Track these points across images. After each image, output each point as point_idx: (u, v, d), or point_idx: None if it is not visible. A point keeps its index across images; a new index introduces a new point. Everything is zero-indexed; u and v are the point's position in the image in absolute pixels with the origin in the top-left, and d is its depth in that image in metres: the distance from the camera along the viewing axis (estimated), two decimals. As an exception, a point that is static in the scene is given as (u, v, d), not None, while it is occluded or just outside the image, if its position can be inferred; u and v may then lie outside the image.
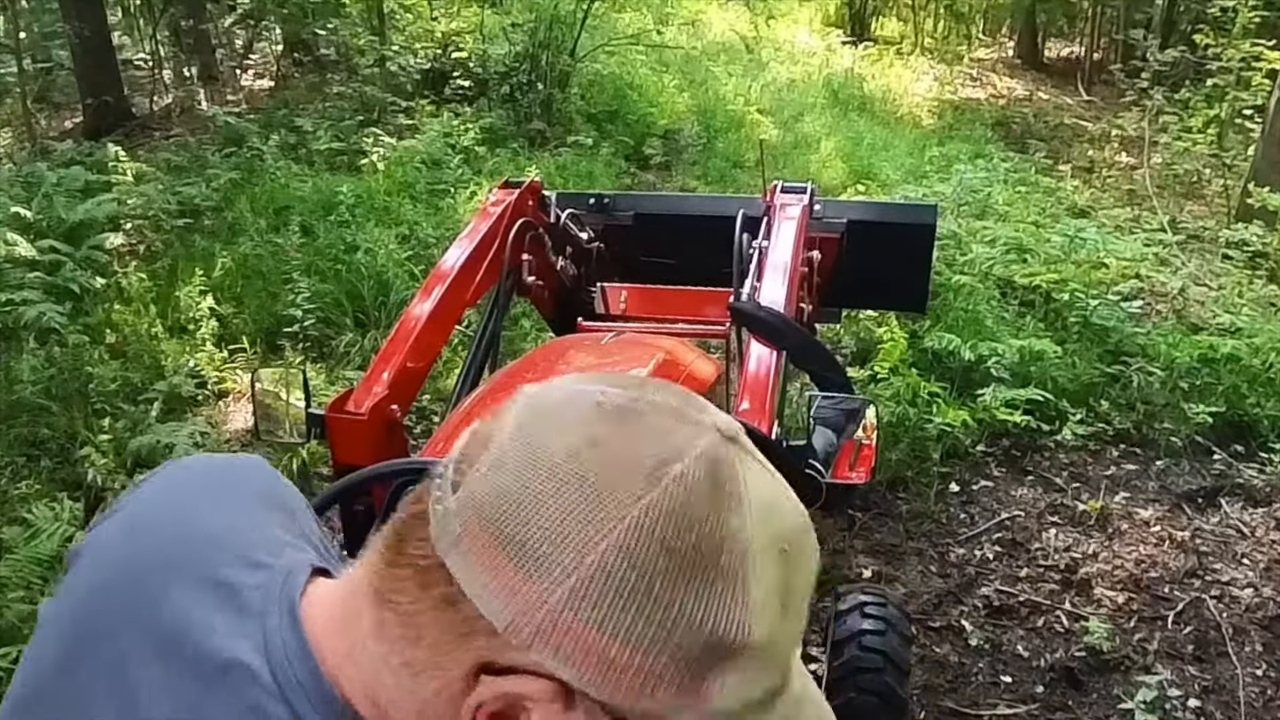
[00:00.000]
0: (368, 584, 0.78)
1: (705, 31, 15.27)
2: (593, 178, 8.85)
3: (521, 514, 0.70)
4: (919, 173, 9.36)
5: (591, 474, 0.70)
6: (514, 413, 0.78)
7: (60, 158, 8.49)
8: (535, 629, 0.68)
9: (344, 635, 0.80)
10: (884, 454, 4.78)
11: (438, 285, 3.12)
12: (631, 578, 0.68)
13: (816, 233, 3.60)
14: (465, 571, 0.70)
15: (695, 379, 2.92)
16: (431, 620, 0.73)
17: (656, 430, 0.73)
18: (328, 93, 10.86)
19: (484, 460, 0.74)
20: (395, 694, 0.76)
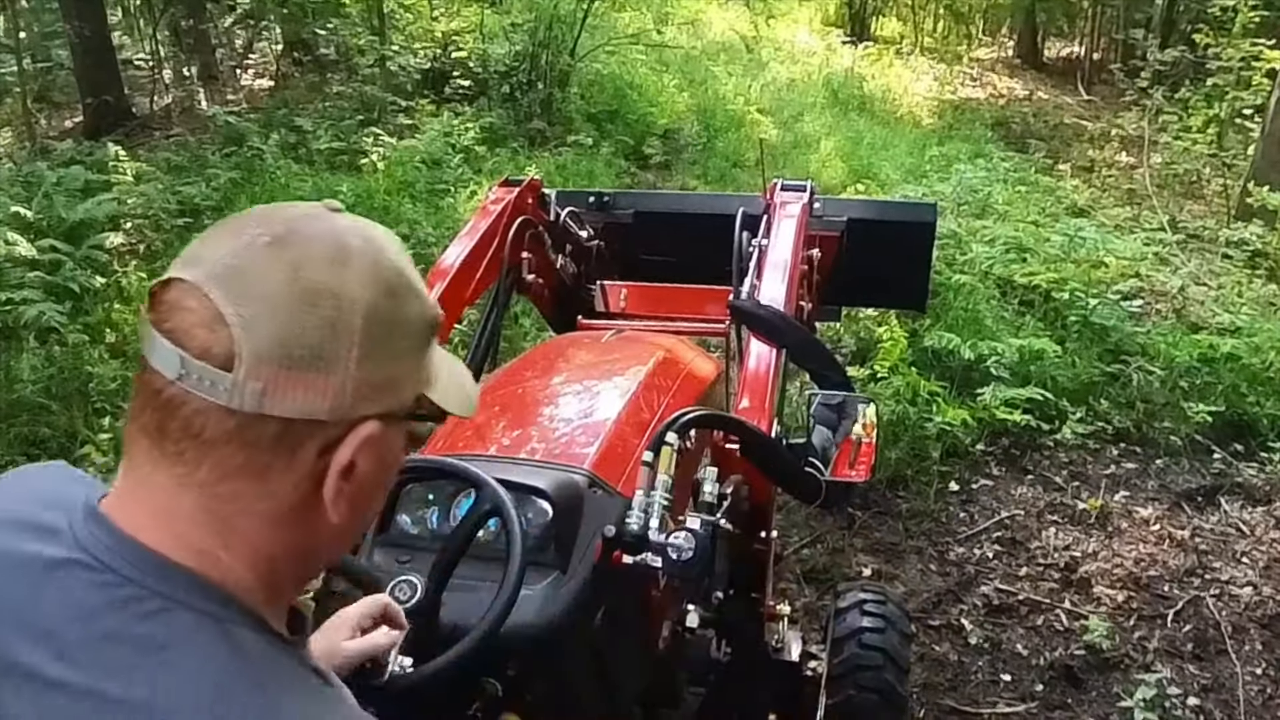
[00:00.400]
0: (162, 471, 0.91)
1: (705, 31, 15.27)
2: (593, 177, 8.85)
3: (294, 344, 0.88)
4: (919, 172, 9.37)
5: (308, 290, 0.89)
6: (222, 300, 0.89)
7: (60, 157, 8.48)
8: (347, 399, 0.91)
9: (150, 512, 0.92)
10: (884, 452, 4.78)
11: (438, 283, 3.11)
12: (380, 328, 0.92)
13: (816, 231, 3.59)
14: (284, 405, 0.88)
15: (695, 377, 2.91)
16: (243, 468, 0.90)
17: (314, 239, 0.94)
18: (328, 92, 10.85)
19: (240, 339, 0.87)
20: (233, 532, 0.92)
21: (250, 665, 0.89)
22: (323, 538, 0.98)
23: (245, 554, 0.93)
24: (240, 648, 0.89)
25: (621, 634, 2.13)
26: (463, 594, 1.89)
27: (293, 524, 0.94)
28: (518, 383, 2.87)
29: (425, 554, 2.02)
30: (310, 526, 0.95)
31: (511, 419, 2.63)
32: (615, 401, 2.60)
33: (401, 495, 2.17)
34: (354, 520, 1.00)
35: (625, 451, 2.35)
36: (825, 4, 18.73)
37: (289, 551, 0.96)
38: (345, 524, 0.97)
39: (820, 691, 2.90)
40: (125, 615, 0.87)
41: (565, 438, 2.47)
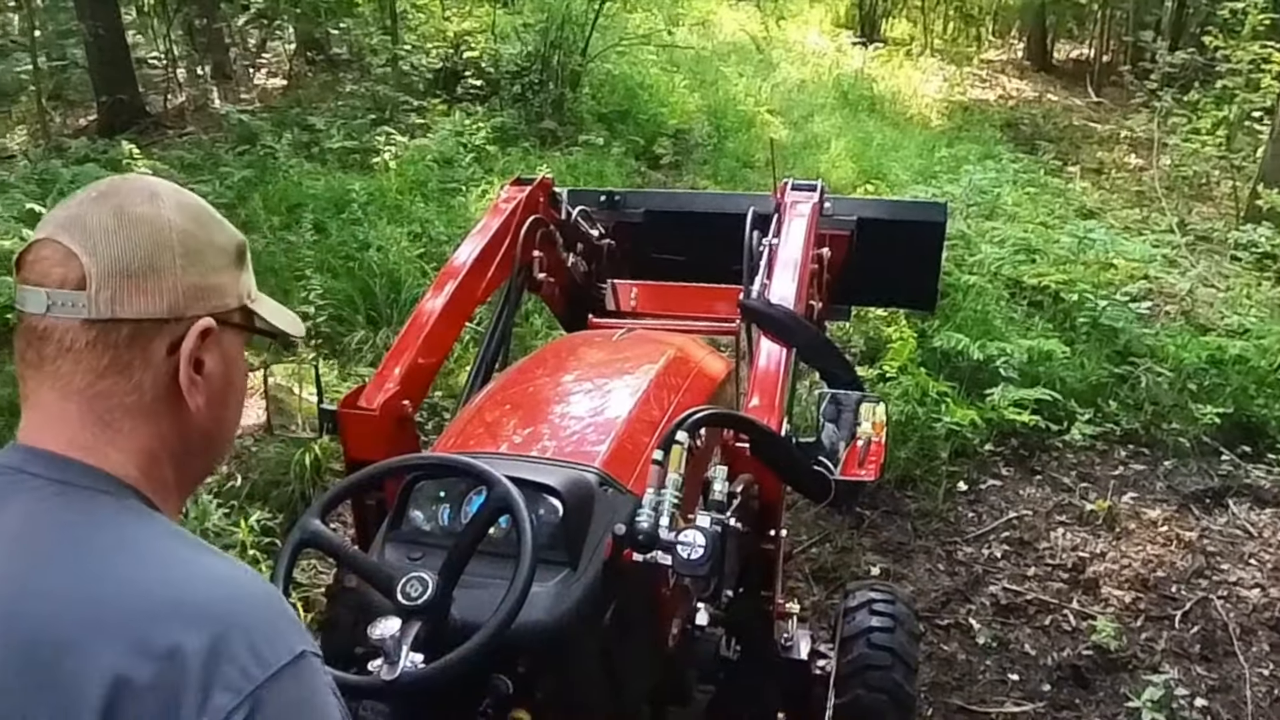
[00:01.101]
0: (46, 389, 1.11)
1: (716, 32, 15.24)
2: (604, 176, 8.84)
3: (129, 259, 1.09)
4: (928, 173, 9.34)
5: (132, 219, 1.12)
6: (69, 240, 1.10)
7: (74, 155, 8.50)
8: (180, 299, 1.12)
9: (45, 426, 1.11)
10: (893, 452, 4.76)
11: (449, 282, 3.12)
12: (194, 243, 1.14)
13: (827, 230, 3.59)
14: (129, 306, 1.09)
15: (705, 375, 2.91)
16: (110, 367, 1.10)
17: (130, 188, 1.16)
18: (340, 91, 10.86)
19: (88, 264, 1.08)
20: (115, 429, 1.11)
21: (144, 524, 1.09)
22: (191, 432, 1.17)
23: (128, 450, 1.12)
24: (133, 513, 1.10)
25: (631, 631, 2.13)
26: (473, 591, 1.89)
27: (161, 416, 1.14)
28: (529, 381, 2.87)
29: (436, 550, 2.02)
30: (176, 419, 1.15)
31: (522, 417, 2.63)
32: (626, 400, 2.60)
33: (413, 492, 2.17)
34: (216, 416, 1.19)
35: (636, 450, 2.35)
36: (836, 5, 18.68)
37: (165, 445, 1.15)
38: (207, 419, 1.17)
39: (829, 690, 2.89)
40: (33, 499, 1.07)
41: (576, 436, 2.47)
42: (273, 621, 1.03)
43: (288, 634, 1.03)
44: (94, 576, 1.01)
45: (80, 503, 1.08)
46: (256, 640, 0.99)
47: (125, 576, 1.02)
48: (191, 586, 1.03)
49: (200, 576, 1.05)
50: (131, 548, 1.05)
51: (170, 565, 1.05)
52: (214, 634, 0.97)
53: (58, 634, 0.98)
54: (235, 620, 1.00)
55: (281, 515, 4.53)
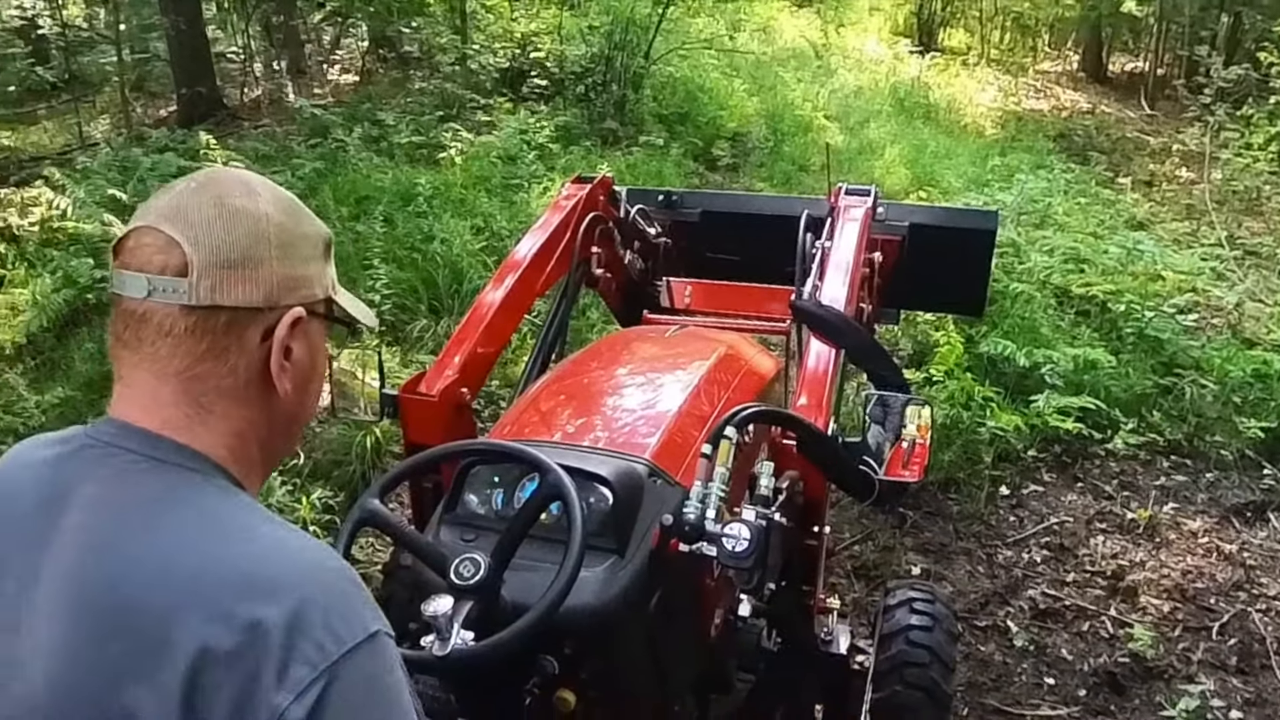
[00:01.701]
0: (143, 370, 1.14)
1: (776, 38, 15.17)
2: (662, 176, 8.84)
3: (229, 250, 1.12)
4: (981, 181, 9.25)
5: (232, 212, 1.15)
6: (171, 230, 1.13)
7: (154, 144, 8.60)
8: (275, 290, 1.15)
9: (140, 406, 1.14)
10: (937, 455, 4.73)
11: (510, 275, 3.13)
12: (288, 236, 1.18)
13: (879, 235, 3.57)
14: (228, 294, 1.12)
15: (755, 373, 2.90)
16: (208, 351, 1.13)
17: (227, 180, 1.20)
18: (410, 88, 10.92)
19: (190, 253, 1.11)
20: (208, 411, 1.14)
21: (229, 500, 1.12)
22: (277, 415, 1.21)
23: (219, 431, 1.15)
24: (217, 489, 1.13)
25: (675, 619, 2.13)
26: (524, 573, 1.90)
27: (251, 400, 1.17)
28: (583, 373, 2.88)
29: (489, 533, 2.04)
30: (265, 403, 1.19)
31: (576, 408, 2.63)
32: (677, 394, 2.60)
33: (469, 476, 2.18)
34: (300, 400, 1.23)
35: (685, 443, 2.35)
36: (894, 14, 18.55)
37: (253, 427, 1.18)
38: (292, 403, 1.21)
39: (866, 685, 2.88)
40: (125, 473, 1.10)
41: (627, 428, 2.47)
42: (349, 600, 1.06)
43: (363, 612, 1.06)
44: (183, 549, 1.05)
45: (171, 479, 1.11)
46: (333, 618, 1.02)
47: (212, 551, 1.05)
48: (273, 563, 1.05)
49: (282, 554, 1.07)
50: (218, 523, 1.08)
51: (254, 541, 1.08)
52: (293, 610, 1.00)
53: (149, 601, 1.01)
54: (314, 597, 1.02)
55: (342, 494, 4.58)
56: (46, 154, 9.05)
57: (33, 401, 5.19)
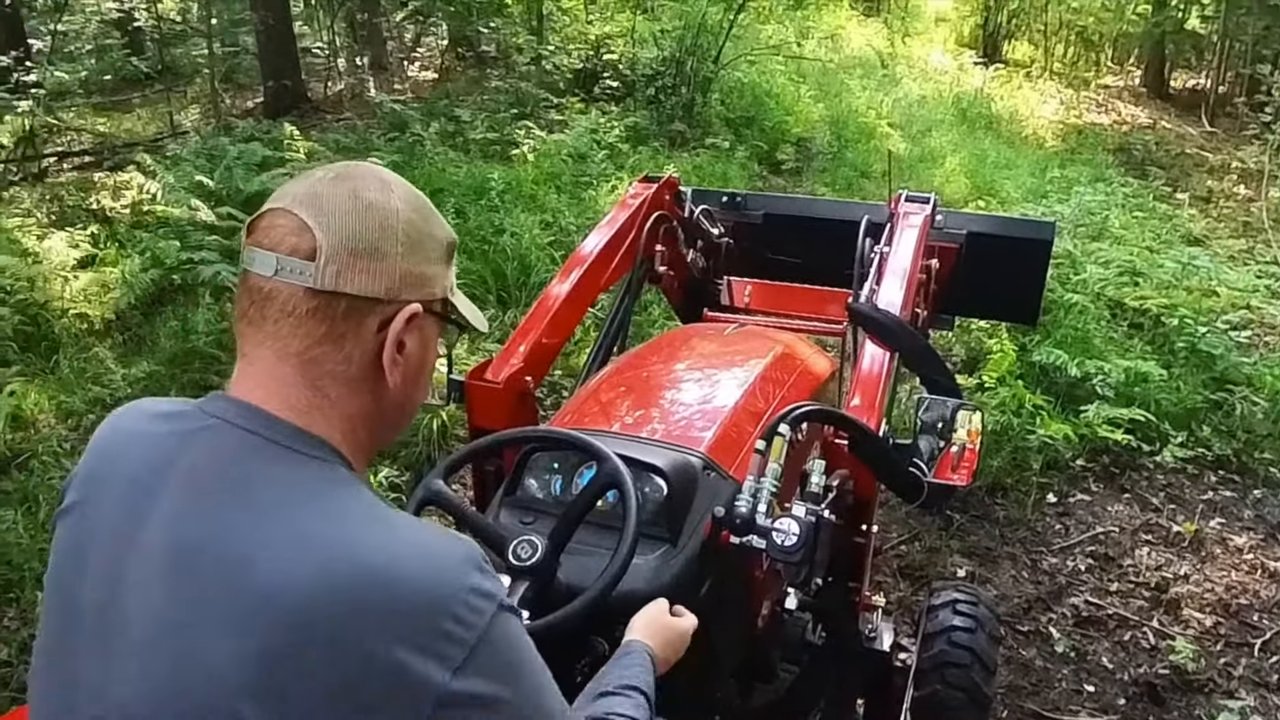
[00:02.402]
0: (265, 348, 1.15)
1: (843, 46, 15.08)
2: (727, 178, 8.81)
3: (358, 240, 1.14)
4: (1039, 192, 9.13)
5: (365, 204, 1.16)
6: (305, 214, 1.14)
7: (241, 134, 8.72)
8: (396, 283, 1.17)
9: (260, 384, 1.15)
10: (986, 460, 4.68)
11: (576, 269, 3.13)
12: (415, 234, 1.20)
13: (937, 242, 3.53)
14: (351, 282, 1.13)
15: (811, 373, 2.89)
16: (326, 336, 1.14)
17: (364, 174, 1.21)
18: (486, 86, 10.99)
19: (320, 238, 1.13)
20: (323, 395, 1.16)
21: (342, 486, 1.13)
22: (386, 405, 1.22)
23: (333, 416, 1.17)
24: (331, 473, 1.14)
25: (723, 608, 2.13)
26: (579, 557, 1.91)
27: (363, 388, 1.18)
28: (643, 367, 2.88)
29: (547, 517, 2.05)
30: (375, 392, 1.20)
31: (635, 400, 2.64)
32: (733, 391, 2.60)
33: (530, 462, 2.19)
34: (408, 393, 1.24)
35: (740, 438, 2.34)
36: (960, 26, 18.35)
37: (363, 413, 1.20)
38: (401, 395, 1.23)
39: (908, 683, 2.86)
40: (245, 458, 1.11)
41: (684, 421, 2.47)
42: (477, 581, 1.08)
43: (492, 589, 1.09)
44: (319, 536, 1.06)
45: (292, 462, 1.12)
46: (467, 598, 1.06)
47: (340, 536, 1.06)
48: (402, 549, 1.07)
49: (409, 539, 1.09)
50: (343, 511, 1.10)
51: (377, 527, 1.09)
52: (431, 595, 1.04)
53: (284, 586, 1.02)
54: (447, 581, 1.06)
55: (408, 473, 4.63)
56: (139, 141, 9.20)
57: (119, 375, 5.30)
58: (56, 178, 8.29)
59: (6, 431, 4.83)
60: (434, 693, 1.02)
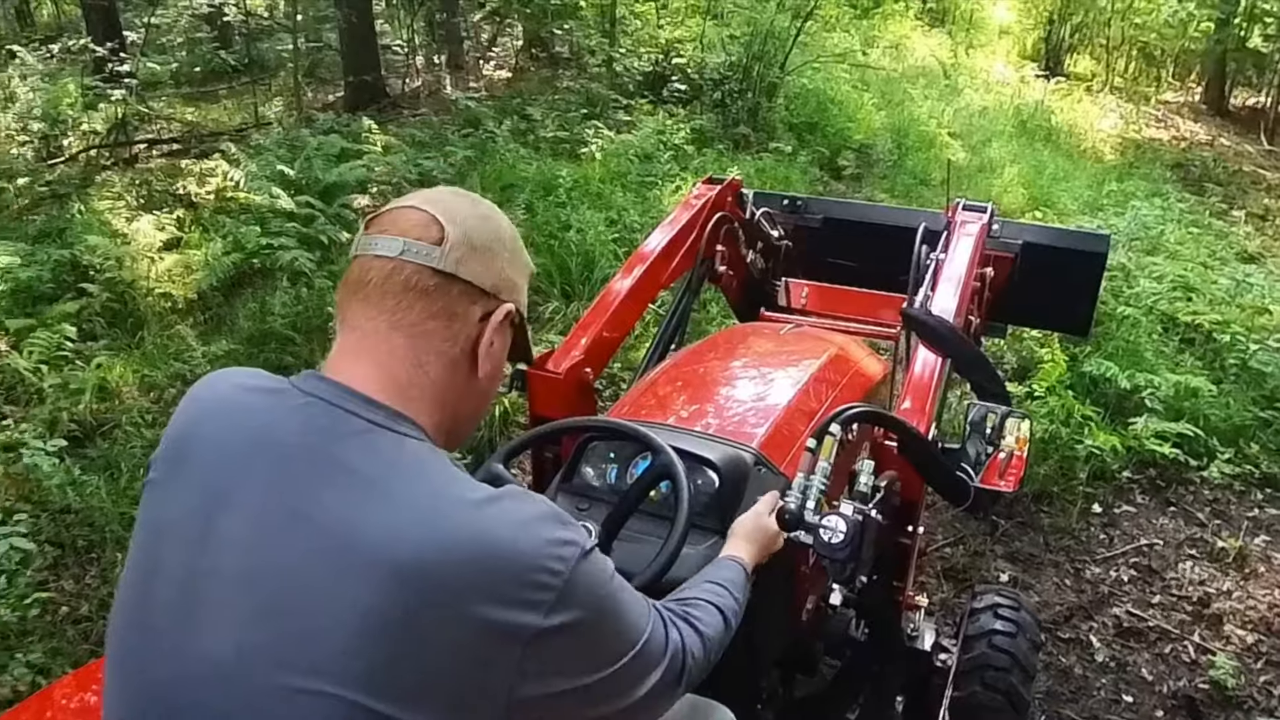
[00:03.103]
0: (379, 320, 1.23)
1: (907, 56, 14.92)
2: (789, 182, 8.76)
3: (477, 237, 1.26)
4: (1096, 205, 9.00)
5: (483, 213, 1.31)
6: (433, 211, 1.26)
7: (321, 126, 8.79)
8: (501, 282, 1.29)
9: (362, 358, 1.23)
10: (1033, 467, 4.61)
11: (638, 266, 3.13)
12: (516, 248, 1.34)
13: (992, 251, 3.49)
14: (469, 269, 1.24)
15: (863, 375, 2.86)
16: (441, 311, 1.23)
17: (472, 195, 1.36)
18: (558, 86, 11.00)
19: (448, 229, 1.24)
20: (424, 372, 1.24)
21: (434, 460, 1.18)
22: (471, 393, 1.30)
23: (428, 394, 1.24)
24: (425, 451, 1.19)
25: (769, 600, 2.12)
26: (631, 544, 1.91)
27: (458, 371, 1.27)
28: (700, 363, 2.87)
29: (602, 505, 2.06)
30: (466, 379, 1.28)
31: (691, 395, 2.63)
32: (787, 389, 2.58)
33: (587, 450, 2.20)
34: (486, 388, 1.33)
35: (791, 436, 2.33)
36: (1023, 39, 18.10)
37: (453, 396, 1.27)
38: (483, 387, 1.31)
39: (947, 683, 2.83)
40: (345, 435, 1.16)
41: (738, 417, 2.46)
42: (559, 533, 1.16)
43: (573, 537, 1.16)
44: (413, 505, 1.12)
45: (389, 440, 1.18)
46: (552, 550, 1.13)
47: (438, 507, 1.12)
48: (492, 516, 1.13)
49: (498, 507, 1.15)
50: (438, 483, 1.16)
51: (470, 498, 1.15)
52: (523, 556, 1.11)
53: (385, 550, 1.08)
54: (534, 541, 1.13)
55: (470, 456, 4.65)
56: (224, 130, 9.33)
57: (199, 352, 5.39)
58: (146, 164, 8.43)
59: (93, 402, 4.93)
60: (528, 633, 1.10)
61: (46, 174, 7.73)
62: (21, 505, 4.18)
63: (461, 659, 1.08)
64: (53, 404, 4.85)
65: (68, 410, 4.83)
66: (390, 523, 1.09)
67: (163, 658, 1.15)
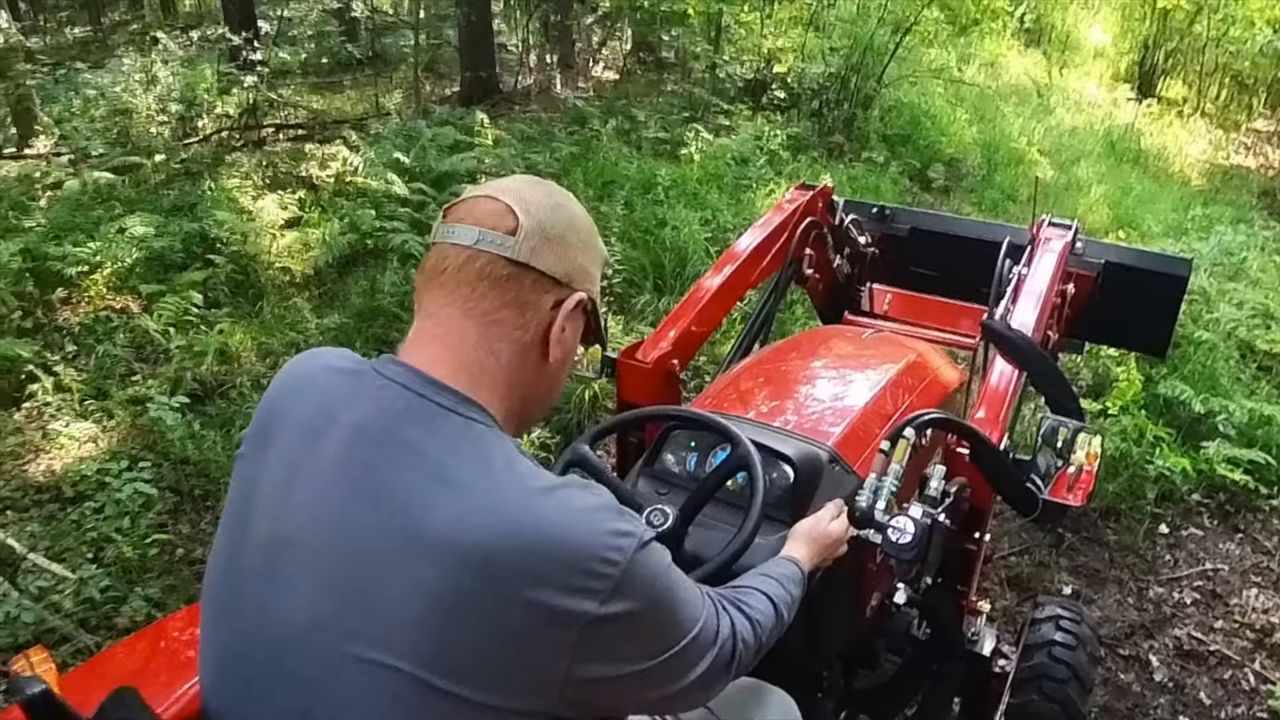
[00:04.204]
0: (454, 306, 1.22)
1: (1002, 73, 14.58)
2: (879, 191, 8.63)
3: (550, 227, 1.24)
4: (1180, 228, 8.70)
5: (557, 202, 1.29)
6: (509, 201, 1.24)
7: (437, 118, 8.90)
8: (574, 271, 1.27)
9: (436, 344, 1.22)
10: (1102, 484, 4.49)
11: (729, 265, 3.12)
12: (589, 237, 1.32)
13: (1074, 268, 3.41)
14: (541, 259, 1.23)
15: (939, 383, 2.81)
16: (513, 300, 1.22)
17: (549, 184, 1.33)
18: (662, 89, 10.99)
19: (522, 219, 1.22)
20: (496, 358, 1.22)
21: (500, 446, 1.17)
22: (541, 379, 1.29)
23: (499, 380, 1.23)
24: (491, 437, 1.18)
25: (835, 594, 2.10)
26: (705, 530, 1.91)
27: (529, 358, 1.25)
28: (782, 361, 2.85)
29: (680, 490, 2.06)
30: (536, 365, 1.27)
31: (772, 391, 2.62)
32: (864, 392, 2.55)
33: (669, 437, 2.20)
34: (556, 375, 1.32)
35: (866, 437, 2.30)
36: (1117, 61, 17.55)
37: (523, 382, 1.26)
38: (553, 373, 1.30)
39: (1005, 689, 2.77)
40: (416, 419, 1.16)
41: (815, 415, 2.44)
42: (617, 524, 1.15)
43: (630, 529, 1.16)
44: (481, 490, 1.12)
45: (458, 425, 1.17)
46: (610, 541, 1.13)
47: (505, 494, 1.12)
48: (555, 507, 1.13)
49: (561, 497, 1.14)
50: (505, 470, 1.15)
51: (535, 487, 1.14)
52: (582, 546, 1.11)
53: (453, 534, 1.08)
54: (594, 532, 1.13)
55: (559, 437, 4.69)
56: (346, 118, 9.50)
57: (313, 323, 5.52)
58: (273, 147, 8.63)
59: (214, 364, 5.08)
60: (585, 620, 1.09)
61: (182, 152, 7.96)
62: (146, 454, 4.34)
63: (518, 641, 1.08)
64: (178, 363, 5.01)
65: (191, 370, 4.98)
66: (456, 507, 1.09)
67: (248, 617, 1.18)
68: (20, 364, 4.84)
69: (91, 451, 4.40)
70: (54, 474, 4.29)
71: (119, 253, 5.82)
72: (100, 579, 3.61)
